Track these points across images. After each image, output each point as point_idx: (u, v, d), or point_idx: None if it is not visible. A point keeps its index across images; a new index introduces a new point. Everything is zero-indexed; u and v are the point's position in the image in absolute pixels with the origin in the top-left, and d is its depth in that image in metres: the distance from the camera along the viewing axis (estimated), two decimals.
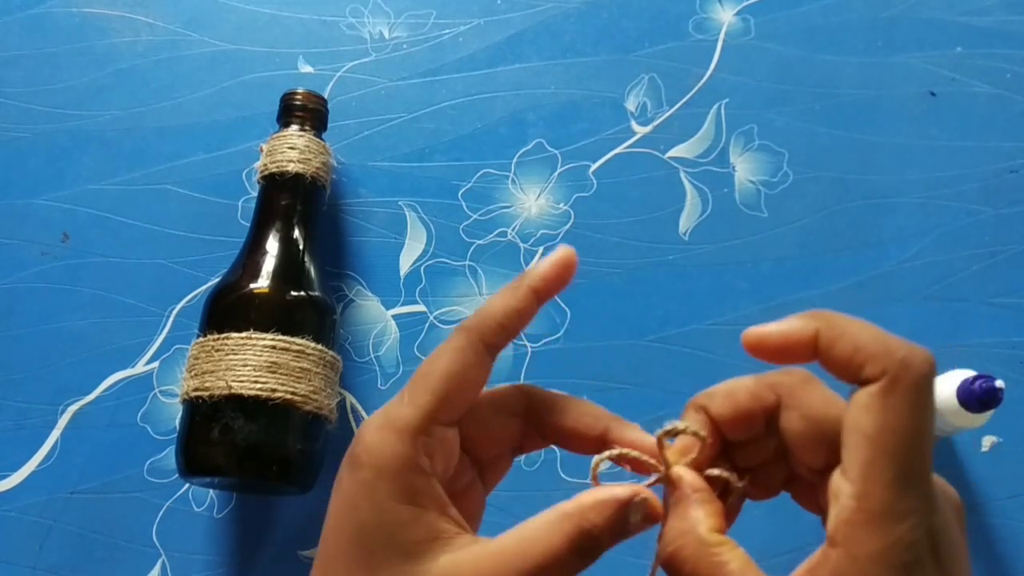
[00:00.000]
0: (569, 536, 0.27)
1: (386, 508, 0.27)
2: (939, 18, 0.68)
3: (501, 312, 0.29)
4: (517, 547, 0.26)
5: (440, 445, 0.28)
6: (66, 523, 0.56)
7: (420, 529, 0.27)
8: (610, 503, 0.28)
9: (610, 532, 0.27)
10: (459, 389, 0.28)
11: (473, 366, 0.28)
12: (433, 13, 0.68)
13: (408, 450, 0.27)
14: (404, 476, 0.27)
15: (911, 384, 0.25)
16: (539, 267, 0.30)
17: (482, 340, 0.29)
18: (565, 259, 0.30)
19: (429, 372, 0.28)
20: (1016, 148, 0.65)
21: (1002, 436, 0.59)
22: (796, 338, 0.27)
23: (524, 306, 0.29)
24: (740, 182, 0.64)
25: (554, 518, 0.27)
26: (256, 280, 0.52)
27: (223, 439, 0.48)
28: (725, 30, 0.68)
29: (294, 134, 0.57)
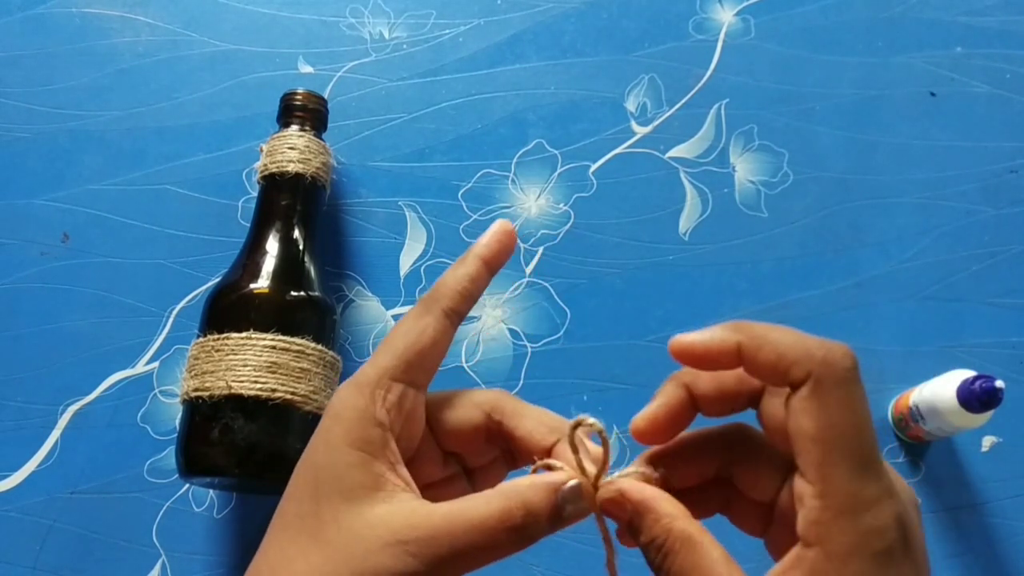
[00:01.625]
0: (502, 509, 0.28)
1: (337, 449, 0.29)
2: (939, 18, 0.68)
3: (454, 280, 0.32)
4: (451, 511, 0.28)
5: (399, 403, 0.30)
6: (66, 523, 0.56)
7: (365, 475, 0.28)
8: (544, 485, 0.29)
9: (544, 514, 0.28)
10: (417, 350, 0.30)
11: (429, 328, 0.31)
12: (433, 13, 0.68)
13: (364, 401, 0.29)
14: (358, 424, 0.29)
15: (836, 380, 0.25)
16: (482, 238, 0.32)
17: (438, 305, 0.31)
18: (503, 228, 0.33)
19: (391, 337, 0.31)
20: (1016, 148, 0.65)
21: (1002, 436, 0.59)
22: (718, 348, 0.28)
23: (474, 271, 0.32)
24: (740, 182, 0.64)
25: (492, 493, 0.28)
26: (256, 280, 0.52)
27: (223, 439, 0.48)
28: (725, 30, 0.68)
29: (294, 134, 0.57)
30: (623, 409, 0.58)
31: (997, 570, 0.57)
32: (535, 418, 0.32)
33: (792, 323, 0.28)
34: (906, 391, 0.58)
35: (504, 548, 0.28)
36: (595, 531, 0.30)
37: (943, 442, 0.59)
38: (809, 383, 0.25)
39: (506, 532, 0.27)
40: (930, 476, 0.58)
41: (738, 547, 0.27)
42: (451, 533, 0.27)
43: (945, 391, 0.53)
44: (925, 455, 0.59)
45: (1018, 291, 0.62)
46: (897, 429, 0.59)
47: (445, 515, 0.28)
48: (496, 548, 0.28)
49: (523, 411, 0.32)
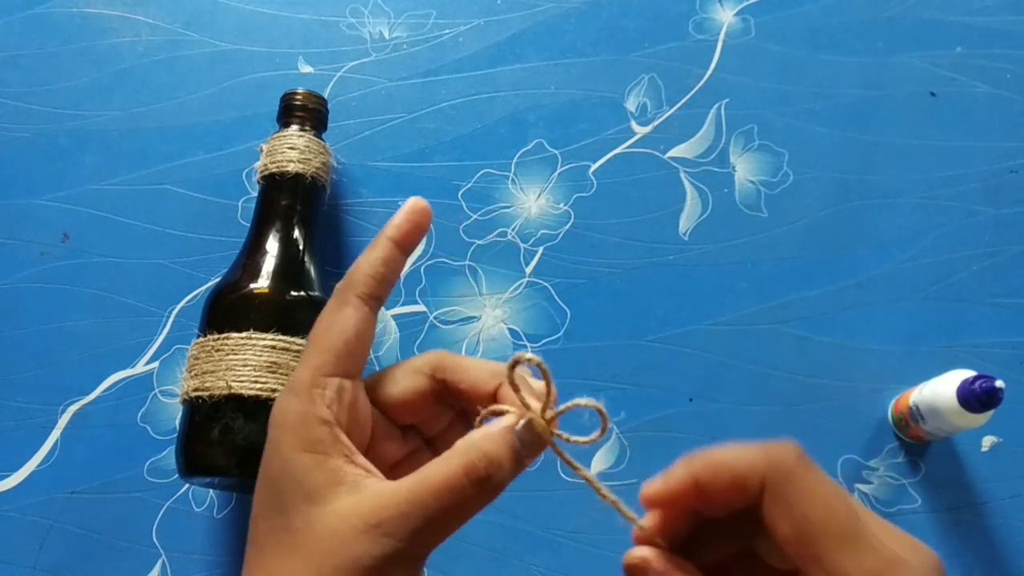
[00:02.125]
0: (464, 464, 0.28)
1: (289, 458, 0.29)
2: (939, 18, 0.68)
3: (367, 265, 0.31)
4: (416, 481, 0.28)
5: (339, 396, 0.30)
6: (66, 523, 0.56)
7: (323, 474, 0.28)
8: (499, 432, 0.29)
9: (506, 459, 0.28)
10: (342, 342, 0.30)
11: (349, 318, 0.31)
12: (433, 13, 0.68)
13: (303, 404, 0.29)
14: (302, 428, 0.29)
15: (787, 478, 0.26)
16: (393, 219, 0.32)
17: (355, 294, 0.31)
18: (415, 207, 0.32)
19: (314, 335, 0.31)
20: (1016, 148, 0.65)
21: (1002, 436, 0.59)
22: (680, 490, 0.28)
23: (386, 254, 0.32)
24: (740, 182, 0.64)
25: (451, 453, 0.29)
26: (256, 280, 0.52)
27: (223, 439, 0.48)
28: (725, 30, 0.68)
29: (294, 134, 0.57)
30: (623, 409, 0.58)
31: (997, 570, 0.57)
32: (476, 367, 0.32)
33: (792, 323, 0.28)
34: (906, 391, 0.58)
35: (474, 502, 0.28)
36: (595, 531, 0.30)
37: (943, 442, 0.59)
38: (766, 492, 0.26)
39: (472, 486, 0.28)
40: (930, 476, 0.58)
41: None
42: (421, 503, 0.27)
43: (945, 391, 0.53)
44: (925, 455, 0.59)
45: (1019, 291, 0.62)
46: (897, 429, 0.59)
47: (410, 487, 0.28)
48: (467, 505, 0.28)
49: (464, 363, 0.32)
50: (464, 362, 0.32)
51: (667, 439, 0.58)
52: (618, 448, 0.57)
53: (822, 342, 0.60)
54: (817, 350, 0.60)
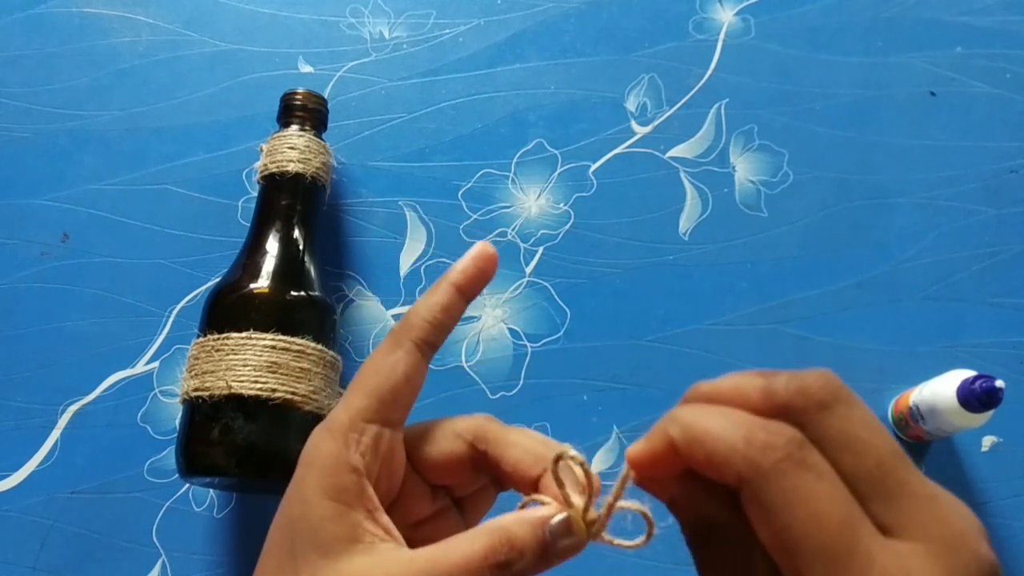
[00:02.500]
0: (486, 547, 0.26)
1: (311, 502, 0.27)
2: (939, 18, 0.68)
3: (425, 310, 0.30)
4: (434, 555, 0.26)
5: (375, 445, 0.28)
6: (66, 523, 0.56)
7: (342, 527, 0.27)
8: (529, 520, 0.27)
9: (530, 550, 0.27)
10: (390, 387, 0.29)
11: (401, 363, 0.29)
12: (433, 13, 0.68)
13: (337, 447, 0.28)
14: (332, 472, 0.27)
15: (766, 480, 0.22)
16: (458, 263, 0.30)
17: (410, 339, 0.29)
18: (483, 253, 0.31)
19: (361, 375, 0.29)
20: (1016, 148, 0.65)
21: (1002, 436, 0.59)
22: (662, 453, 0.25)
23: (447, 300, 0.30)
24: (740, 182, 0.64)
25: (477, 531, 0.27)
26: (256, 280, 0.52)
27: (223, 439, 0.48)
28: (725, 30, 0.68)
29: (294, 134, 0.57)
30: (623, 409, 0.58)
31: None
32: (521, 446, 0.30)
33: (792, 323, 0.28)
34: (906, 391, 0.58)
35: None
36: None
37: (943, 442, 0.59)
38: (743, 489, 0.22)
39: (491, 570, 0.26)
40: (930, 476, 0.58)
41: None
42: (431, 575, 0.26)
43: (945, 391, 0.53)
44: (925, 455, 0.59)
45: (1018, 291, 0.62)
46: (897, 429, 0.59)
47: (427, 560, 0.26)
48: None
49: (507, 438, 0.30)
50: (509, 437, 0.30)
51: None
52: (618, 448, 0.57)
53: (822, 342, 0.60)
54: (817, 350, 0.60)
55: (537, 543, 0.27)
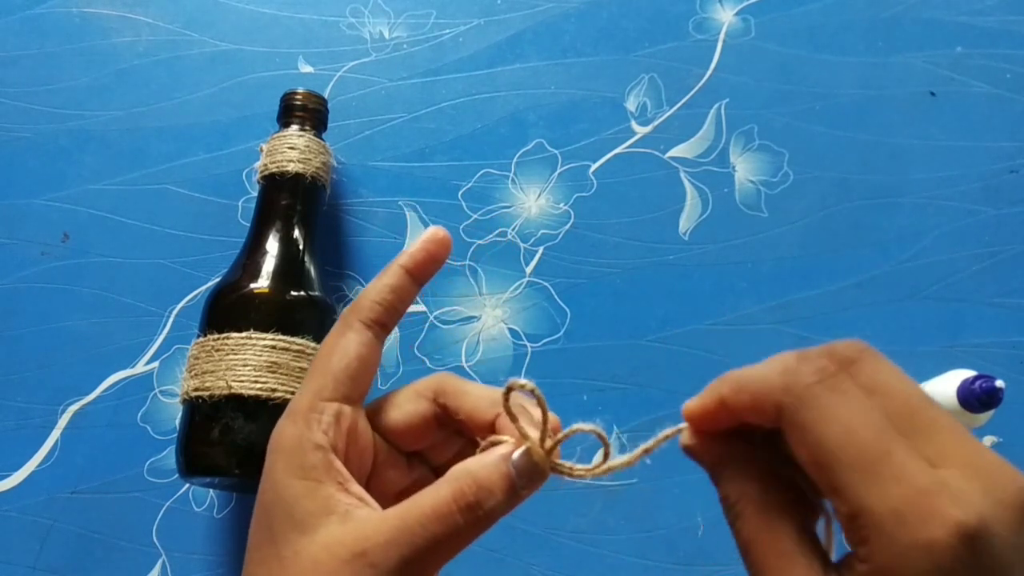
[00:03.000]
0: (453, 491, 0.27)
1: (282, 484, 0.28)
2: (939, 18, 0.68)
3: (374, 292, 0.31)
4: (404, 509, 0.27)
5: (336, 422, 0.29)
6: (66, 523, 0.56)
7: (313, 502, 0.28)
8: (493, 457, 0.28)
9: (498, 487, 0.27)
10: (343, 367, 0.30)
11: (352, 343, 0.30)
12: (433, 13, 0.68)
13: (298, 429, 0.29)
14: (296, 453, 0.28)
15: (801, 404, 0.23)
16: (410, 246, 0.32)
17: (359, 319, 0.31)
18: (433, 236, 0.32)
19: (316, 360, 0.31)
20: (1016, 148, 0.65)
21: (1002, 436, 0.59)
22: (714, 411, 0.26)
23: (395, 282, 0.31)
24: (740, 182, 0.64)
25: (442, 480, 0.28)
26: (256, 280, 0.52)
27: (223, 439, 0.48)
28: (725, 30, 0.68)
29: (294, 134, 0.57)
30: (623, 409, 0.58)
31: None
32: (476, 394, 0.31)
33: (792, 323, 0.28)
34: None
35: (465, 531, 0.27)
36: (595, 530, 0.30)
37: None
38: (782, 417, 0.23)
39: (462, 513, 0.27)
40: None
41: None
42: (408, 531, 0.26)
43: (945, 391, 0.53)
44: None
45: (1018, 291, 0.62)
46: None
47: (398, 515, 0.27)
48: (457, 534, 0.27)
49: (464, 388, 0.31)
50: (465, 387, 0.31)
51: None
52: (618, 448, 0.57)
53: (822, 342, 0.60)
54: None
55: (502, 479, 0.27)
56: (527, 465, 0.28)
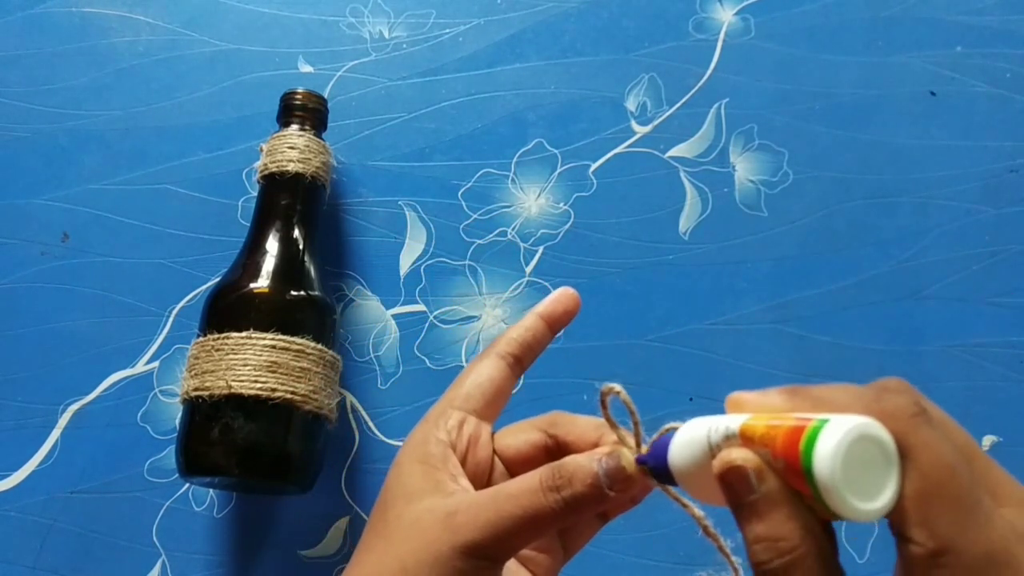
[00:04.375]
0: (542, 473, 0.29)
1: (402, 466, 0.32)
2: (939, 18, 0.68)
3: (512, 330, 0.36)
4: (497, 486, 0.30)
5: (460, 426, 0.33)
6: (66, 523, 0.56)
7: (426, 480, 0.31)
8: (585, 455, 0.30)
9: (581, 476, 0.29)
10: (475, 384, 0.35)
11: (485, 367, 0.35)
12: (433, 13, 0.68)
13: (427, 427, 0.33)
14: (421, 443, 0.32)
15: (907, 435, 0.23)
16: (546, 299, 0.37)
17: (495, 351, 0.35)
18: (565, 292, 0.37)
19: (460, 375, 0.35)
20: (1016, 148, 0.65)
21: (1002, 436, 0.59)
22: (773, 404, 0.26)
23: (531, 324, 0.36)
24: (740, 182, 0.64)
25: (537, 468, 0.30)
26: (256, 280, 0.52)
27: (223, 439, 0.48)
28: (725, 30, 0.68)
29: (294, 134, 0.57)
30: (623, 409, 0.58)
31: None
32: (583, 421, 0.34)
33: (792, 323, 0.28)
34: None
35: (549, 512, 0.29)
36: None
37: None
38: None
39: (545, 493, 0.29)
40: None
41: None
42: (496, 500, 0.29)
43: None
44: None
45: (1018, 291, 0.62)
46: None
47: (491, 490, 0.30)
48: (541, 512, 0.29)
49: (574, 419, 0.35)
50: (574, 418, 0.35)
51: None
52: None
53: (822, 342, 0.60)
54: (817, 350, 0.60)
55: (586, 473, 0.29)
56: (613, 465, 0.30)
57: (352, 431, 0.58)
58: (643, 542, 0.57)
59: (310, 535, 0.56)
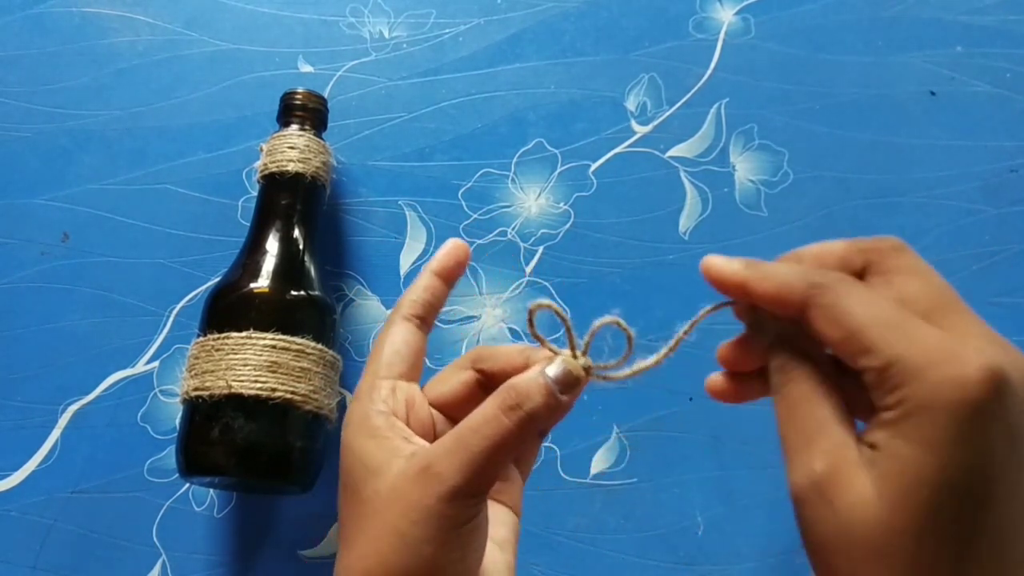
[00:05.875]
0: (497, 399, 0.30)
1: (354, 447, 0.33)
2: (939, 18, 0.68)
3: (409, 291, 0.37)
4: (457, 427, 0.31)
5: (393, 393, 0.34)
6: (66, 523, 0.56)
7: (383, 452, 0.31)
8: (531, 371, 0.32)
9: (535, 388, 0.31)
10: (392, 351, 0.35)
11: (395, 332, 0.36)
12: (433, 13, 0.68)
13: (362, 404, 0.34)
14: (363, 422, 0.33)
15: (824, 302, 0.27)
16: (437, 254, 0.37)
17: (400, 316, 0.36)
18: (453, 243, 0.37)
19: (370, 353, 0.36)
20: (1016, 147, 0.65)
21: None
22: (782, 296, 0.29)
23: (426, 282, 0.37)
24: (740, 181, 0.64)
25: (489, 396, 0.31)
26: (256, 280, 0.52)
27: (223, 439, 0.48)
28: (725, 30, 0.68)
29: (294, 134, 0.57)
30: (624, 408, 0.58)
31: None
32: (507, 350, 0.35)
33: None
34: None
35: (514, 432, 0.30)
36: (595, 530, 0.30)
37: None
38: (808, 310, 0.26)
39: (506, 415, 0.30)
40: None
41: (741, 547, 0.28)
42: (462, 440, 0.30)
43: None
44: None
45: (1019, 290, 0.62)
46: None
47: (453, 432, 0.31)
48: (506, 436, 0.30)
49: (496, 349, 0.35)
50: (497, 348, 0.35)
51: (667, 439, 0.58)
52: (618, 448, 0.57)
53: None
54: None
55: (539, 385, 0.31)
56: (561, 371, 0.31)
57: None
58: (643, 542, 0.57)
59: (310, 535, 0.56)
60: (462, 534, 0.29)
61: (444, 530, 0.29)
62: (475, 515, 0.30)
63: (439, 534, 0.29)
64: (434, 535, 0.29)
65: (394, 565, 0.29)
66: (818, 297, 0.26)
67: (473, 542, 0.30)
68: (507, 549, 0.36)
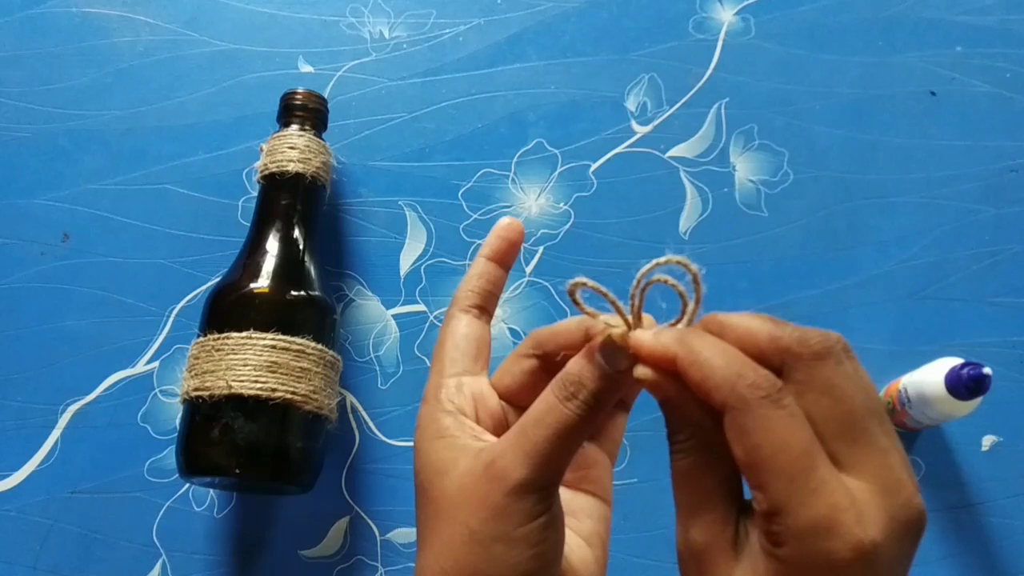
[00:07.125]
0: (553, 389, 0.30)
1: (425, 450, 0.32)
2: (939, 18, 0.68)
3: (464, 281, 0.35)
4: (519, 422, 0.30)
5: (459, 391, 0.33)
6: (66, 523, 0.56)
7: (452, 451, 0.31)
8: (579, 354, 0.31)
9: (588, 372, 0.30)
10: (454, 346, 0.34)
11: (457, 326, 0.35)
12: (433, 13, 0.68)
13: (429, 406, 0.33)
14: (431, 423, 0.32)
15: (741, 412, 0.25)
16: (488, 237, 0.36)
17: (457, 308, 0.35)
18: (504, 222, 0.36)
19: (437, 347, 0.35)
20: (1016, 147, 0.65)
21: (1002, 436, 0.59)
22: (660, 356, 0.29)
23: (480, 269, 0.35)
24: (740, 182, 0.64)
25: (545, 388, 0.30)
26: (256, 280, 0.52)
27: (223, 439, 0.48)
28: (725, 30, 0.68)
29: (294, 134, 0.57)
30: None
31: (997, 570, 0.57)
32: (563, 327, 0.33)
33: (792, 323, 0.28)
34: (897, 379, 0.57)
35: (577, 419, 0.29)
36: None
37: (942, 441, 0.59)
38: (728, 414, 0.26)
39: (564, 404, 0.29)
40: (929, 475, 0.58)
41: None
42: (525, 433, 0.29)
43: (934, 378, 0.53)
44: (925, 454, 0.59)
45: (1018, 290, 0.62)
46: None
47: (515, 427, 0.30)
48: (569, 423, 0.29)
49: (554, 330, 0.34)
50: (554, 327, 0.34)
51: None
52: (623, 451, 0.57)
53: None
54: None
55: (589, 366, 0.30)
56: (607, 346, 0.31)
57: (352, 431, 0.58)
58: (643, 542, 0.57)
59: (310, 535, 0.56)
60: (533, 530, 0.29)
61: (514, 526, 0.28)
62: (545, 510, 0.29)
63: (510, 531, 0.28)
64: (505, 532, 0.28)
65: (468, 564, 0.29)
66: (736, 415, 0.25)
67: (548, 538, 0.29)
68: (595, 544, 0.36)
